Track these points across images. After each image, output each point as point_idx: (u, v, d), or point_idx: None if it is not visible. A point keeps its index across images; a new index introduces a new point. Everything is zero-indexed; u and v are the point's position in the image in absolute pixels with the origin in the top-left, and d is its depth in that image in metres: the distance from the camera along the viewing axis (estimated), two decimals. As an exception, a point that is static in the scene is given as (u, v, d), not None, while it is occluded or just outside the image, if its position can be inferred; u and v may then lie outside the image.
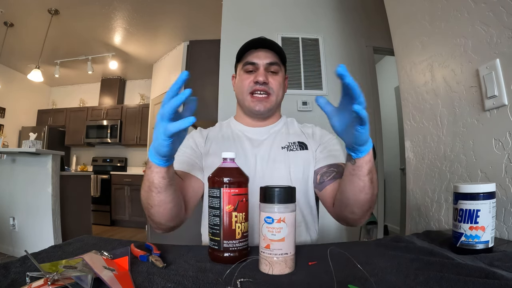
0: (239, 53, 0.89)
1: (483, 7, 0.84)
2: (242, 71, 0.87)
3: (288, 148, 0.85)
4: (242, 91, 0.86)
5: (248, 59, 0.85)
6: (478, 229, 0.56)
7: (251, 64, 0.85)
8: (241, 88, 0.87)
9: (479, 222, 0.56)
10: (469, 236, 0.57)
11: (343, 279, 0.43)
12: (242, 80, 0.86)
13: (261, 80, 0.82)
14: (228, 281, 0.43)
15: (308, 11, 2.58)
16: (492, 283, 0.40)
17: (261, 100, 0.85)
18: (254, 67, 0.85)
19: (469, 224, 0.57)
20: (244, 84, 0.85)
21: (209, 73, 3.19)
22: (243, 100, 0.87)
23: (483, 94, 0.84)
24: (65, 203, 2.80)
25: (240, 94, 0.88)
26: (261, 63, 0.85)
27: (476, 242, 0.56)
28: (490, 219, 0.56)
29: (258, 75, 0.83)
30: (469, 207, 0.57)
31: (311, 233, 0.84)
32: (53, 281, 0.37)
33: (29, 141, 2.63)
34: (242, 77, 0.87)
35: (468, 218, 0.57)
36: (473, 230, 0.56)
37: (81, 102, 5.73)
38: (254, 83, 0.84)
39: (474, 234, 0.56)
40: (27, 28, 3.72)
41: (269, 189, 0.50)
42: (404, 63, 1.26)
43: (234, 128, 0.93)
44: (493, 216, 0.56)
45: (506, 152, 0.78)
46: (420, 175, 1.16)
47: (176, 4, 3.30)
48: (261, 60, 0.85)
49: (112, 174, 4.86)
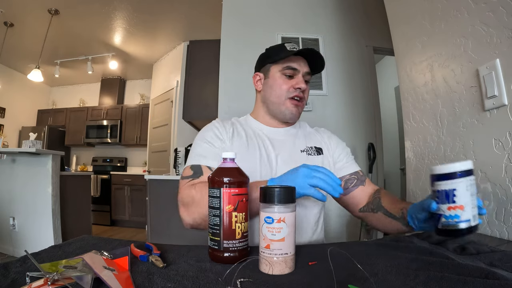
0: (275, 54, 0.87)
1: (483, 7, 0.84)
2: (279, 74, 0.86)
3: (306, 152, 0.89)
4: (280, 94, 0.86)
5: (290, 64, 0.85)
6: (456, 209, 0.54)
7: (292, 69, 0.85)
8: (278, 91, 0.86)
9: (457, 201, 0.54)
10: (448, 216, 0.55)
11: (343, 279, 0.43)
12: (281, 84, 0.86)
13: (303, 87, 0.85)
14: (228, 281, 0.43)
15: (308, 11, 2.58)
16: (492, 283, 0.40)
17: (297, 106, 0.87)
18: (293, 73, 0.85)
19: (447, 204, 0.55)
20: (283, 88, 0.86)
21: (209, 73, 3.19)
22: (279, 103, 0.87)
23: (483, 94, 0.84)
24: (65, 203, 2.80)
25: (276, 97, 0.87)
26: (301, 70, 0.86)
27: (457, 222, 0.54)
28: (468, 197, 0.54)
29: (300, 82, 0.85)
30: (444, 188, 0.55)
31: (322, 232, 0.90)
32: (53, 281, 0.37)
33: (29, 141, 2.63)
34: (279, 80, 0.86)
35: (446, 199, 0.55)
36: (451, 210, 0.55)
37: (81, 102, 5.73)
38: (295, 89, 0.85)
39: (453, 214, 0.55)
40: (27, 28, 3.72)
41: (269, 189, 0.50)
42: (404, 63, 1.26)
43: (254, 126, 0.92)
44: (472, 194, 0.54)
45: (506, 152, 0.78)
46: (420, 175, 1.16)
47: (176, 4, 3.30)
48: (301, 67, 0.86)
49: (112, 174, 4.86)
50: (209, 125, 0.90)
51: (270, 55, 0.89)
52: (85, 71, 4.57)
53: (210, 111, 3.01)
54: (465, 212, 0.53)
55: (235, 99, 2.41)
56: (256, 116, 0.95)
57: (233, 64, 2.47)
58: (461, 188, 0.53)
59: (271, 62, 0.88)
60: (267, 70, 0.90)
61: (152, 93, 4.86)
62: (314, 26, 2.55)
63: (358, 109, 2.47)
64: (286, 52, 0.84)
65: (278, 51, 0.87)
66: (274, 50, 0.89)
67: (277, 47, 0.88)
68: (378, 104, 2.57)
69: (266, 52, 0.93)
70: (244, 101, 2.39)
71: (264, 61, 0.91)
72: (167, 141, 4.15)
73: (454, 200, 0.54)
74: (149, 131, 4.79)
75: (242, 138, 0.87)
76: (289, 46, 0.86)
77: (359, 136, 2.44)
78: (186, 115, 3.37)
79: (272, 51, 0.90)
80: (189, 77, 3.44)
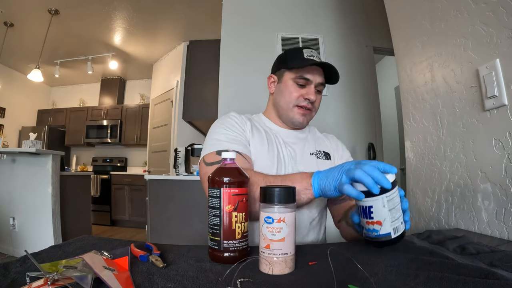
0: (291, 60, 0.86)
1: (483, 7, 0.84)
2: (291, 81, 0.86)
3: (316, 155, 0.89)
4: (288, 101, 0.86)
5: (304, 73, 0.84)
6: (374, 224, 0.56)
7: (304, 79, 0.84)
8: (288, 97, 0.86)
9: (374, 217, 0.56)
10: (368, 229, 0.58)
11: (343, 279, 0.43)
12: (291, 92, 0.86)
13: (312, 99, 0.84)
14: (228, 281, 0.43)
15: (308, 11, 2.58)
16: (492, 283, 0.40)
17: (304, 115, 0.87)
18: (305, 82, 0.85)
19: (366, 219, 0.57)
20: (292, 96, 0.86)
21: (209, 73, 3.19)
22: (287, 109, 0.88)
23: (483, 94, 0.84)
24: (65, 203, 2.80)
25: (285, 103, 0.87)
26: (314, 81, 0.85)
27: (376, 236, 0.57)
28: (386, 213, 0.55)
29: (310, 93, 0.84)
30: (363, 204, 0.57)
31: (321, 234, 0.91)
32: (53, 281, 0.37)
33: (29, 141, 2.63)
34: (291, 87, 0.86)
35: (364, 214, 0.57)
36: (369, 225, 0.57)
37: (81, 102, 5.74)
38: (304, 99, 0.85)
39: (372, 228, 0.57)
40: (27, 28, 3.72)
41: (269, 189, 0.50)
42: (404, 63, 1.26)
43: (267, 125, 0.93)
44: (392, 208, 0.55)
45: (506, 152, 0.78)
46: (420, 175, 1.16)
47: (176, 4, 3.30)
48: (315, 78, 0.85)
49: (112, 174, 4.86)
50: (227, 116, 0.88)
51: (286, 60, 0.88)
52: (85, 71, 4.57)
53: (210, 111, 3.02)
54: (383, 226, 0.56)
55: (235, 99, 2.41)
56: (268, 116, 0.95)
57: (233, 63, 2.47)
58: (378, 205, 0.55)
59: (285, 67, 0.87)
60: (281, 74, 0.89)
61: (152, 93, 4.86)
62: (314, 26, 2.55)
63: (358, 109, 2.47)
64: (301, 61, 0.83)
65: (295, 57, 0.85)
66: (291, 55, 0.88)
67: (295, 53, 0.87)
68: (378, 104, 2.57)
69: (283, 55, 0.91)
70: (244, 101, 2.39)
71: (279, 65, 0.90)
72: (167, 141, 4.15)
73: (372, 216, 0.56)
74: (149, 131, 4.79)
75: (261, 133, 0.86)
76: (307, 53, 0.84)
77: (359, 136, 2.44)
78: (186, 115, 3.37)
79: (289, 56, 0.88)
80: (189, 77, 3.44)
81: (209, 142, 0.81)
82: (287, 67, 0.87)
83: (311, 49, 0.86)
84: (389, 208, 0.55)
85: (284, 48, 2.49)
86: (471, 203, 0.90)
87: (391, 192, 0.55)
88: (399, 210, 0.57)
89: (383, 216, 0.55)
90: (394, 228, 0.56)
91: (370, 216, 0.57)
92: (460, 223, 0.94)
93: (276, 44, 2.50)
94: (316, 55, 0.85)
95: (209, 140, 0.82)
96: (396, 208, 0.56)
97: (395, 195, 0.56)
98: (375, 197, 0.54)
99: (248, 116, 0.93)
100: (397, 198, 0.56)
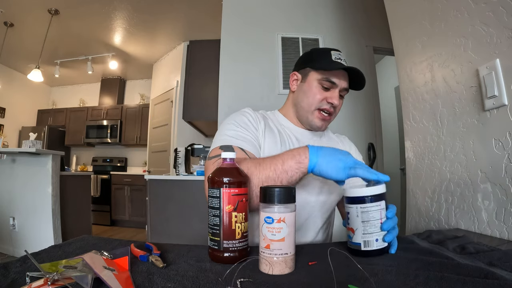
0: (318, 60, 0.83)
1: (483, 7, 0.84)
2: (317, 83, 0.83)
3: None
4: (311, 103, 0.84)
5: (330, 76, 0.81)
6: (349, 230, 0.59)
7: (330, 83, 0.82)
8: (311, 99, 0.84)
9: (350, 223, 0.59)
10: (348, 234, 0.60)
11: (343, 279, 0.43)
12: (315, 94, 0.83)
13: (335, 103, 0.82)
14: (228, 281, 0.43)
15: (308, 11, 2.58)
16: (492, 283, 0.40)
17: (325, 119, 0.85)
18: (330, 86, 0.82)
19: (346, 224, 0.60)
20: (316, 98, 0.83)
21: (209, 73, 3.19)
22: (308, 112, 0.85)
23: (483, 94, 0.84)
24: (65, 203, 2.80)
25: (307, 105, 0.85)
26: (339, 85, 0.83)
27: (350, 242, 0.59)
28: (358, 223, 0.57)
29: (334, 97, 0.82)
30: (346, 209, 0.60)
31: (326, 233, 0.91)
32: (53, 281, 0.37)
33: (29, 141, 2.63)
34: (315, 89, 0.83)
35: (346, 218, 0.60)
36: (347, 230, 0.59)
37: (81, 102, 5.74)
38: (327, 103, 0.83)
39: (348, 234, 0.59)
40: (27, 28, 3.72)
41: (269, 189, 0.50)
42: (404, 63, 1.26)
43: (283, 123, 0.91)
44: (363, 221, 0.56)
45: (506, 152, 0.78)
46: (420, 175, 1.16)
47: (176, 3, 3.30)
48: (340, 82, 0.82)
49: (112, 174, 4.86)
50: (241, 112, 0.86)
51: (313, 59, 0.85)
52: (85, 71, 4.57)
53: (210, 111, 3.01)
54: (355, 235, 0.57)
55: (235, 99, 2.41)
56: (285, 113, 0.93)
57: (233, 63, 2.47)
58: (352, 213, 0.58)
59: (312, 67, 0.84)
60: (306, 74, 0.86)
61: (152, 93, 4.86)
62: (314, 26, 2.55)
63: (358, 109, 2.47)
64: (329, 64, 0.81)
65: (322, 58, 0.82)
66: (318, 54, 0.85)
67: (322, 53, 0.84)
68: (378, 104, 2.57)
69: (310, 54, 0.88)
70: (244, 101, 2.39)
71: (305, 63, 0.87)
72: (167, 141, 4.15)
73: (348, 222, 0.59)
74: (149, 131, 4.79)
75: (275, 134, 0.85)
76: (335, 55, 0.82)
77: (359, 136, 2.44)
78: (186, 115, 3.37)
79: (316, 55, 0.85)
80: (189, 77, 3.44)
81: (218, 138, 0.80)
82: (314, 67, 0.84)
83: (339, 52, 0.84)
84: (362, 219, 0.56)
85: (284, 48, 2.49)
86: (471, 203, 0.90)
87: (366, 205, 0.56)
88: (376, 226, 0.56)
89: (356, 225, 0.57)
90: (365, 241, 0.56)
91: (347, 221, 0.59)
92: (460, 223, 0.94)
93: (276, 44, 2.50)
94: (343, 58, 0.83)
95: (217, 136, 0.81)
96: (371, 223, 0.56)
97: (374, 210, 0.56)
98: (351, 205, 0.57)
99: (263, 114, 0.91)
100: (375, 213, 0.56)
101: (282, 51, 2.49)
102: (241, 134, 0.79)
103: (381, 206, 0.57)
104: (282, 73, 2.46)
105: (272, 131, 0.85)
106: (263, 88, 2.45)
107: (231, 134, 0.78)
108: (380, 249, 0.56)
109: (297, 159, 0.62)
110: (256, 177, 0.64)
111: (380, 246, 0.56)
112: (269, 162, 0.65)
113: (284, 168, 0.63)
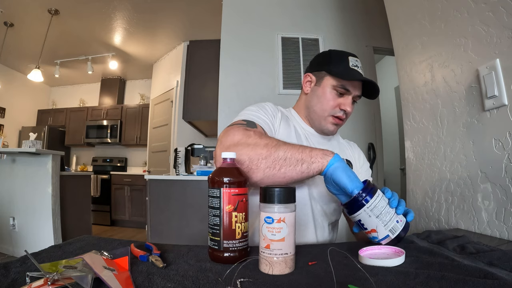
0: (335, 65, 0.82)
1: (483, 7, 0.84)
2: (331, 88, 0.83)
3: None
4: (325, 109, 0.84)
5: (346, 84, 0.81)
6: (371, 232, 0.60)
7: (345, 90, 0.82)
8: (325, 105, 0.84)
9: (367, 227, 0.60)
10: (370, 237, 0.61)
11: (343, 279, 0.43)
12: (329, 100, 0.83)
13: (349, 111, 0.83)
14: (228, 281, 0.43)
15: (308, 11, 2.58)
16: (492, 283, 0.40)
17: (337, 124, 0.86)
18: (345, 92, 0.82)
19: (363, 230, 0.61)
20: (330, 105, 0.83)
21: (209, 73, 3.19)
22: (320, 117, 0.86)
23: (483, 94, 0.84)
24: (65, 203, 2.80)
25: (320, 110, 0.85)
26: (353, 92, 0.83)
27: (378, 241, 0.60)
28: (374, 221, 0.58)
29: (347, 104, 0.82)
30: (353, 219, 0.62)
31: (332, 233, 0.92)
32: (53, 281, 0.37)
33: (29, 141, 2.63)
34: (329, 95, 0.83)
35: (360, 227, 0.61)
36: (369, 234, 0.61)
37: (81, 102, 5.74)
38: (341, 109, 0.83)
39: (371, 236, 0.61)
40: (27, 28, 3.72)
41: (269, 189, 0.50)
42: (404, 63, 1.26)
43: (297, 121, 0.92)
44: (377, 215, 0.57)
45: (506, 152, 0.78)
46: (420, 175, 1.16)
47: (176, 2, 3.30)
48: (355, 90, 0.83)
49: (112, 174, 4.86)
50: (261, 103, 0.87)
51: (329, 63, 0.84)
52: (85, 71, 4.57)
53: (210, 111, 3.01)
54: (378, 233, 0.59)
55: (235, 99, 2.41)
56: (300, 113, 0.93)
57: (233, 63, 2.47)
58: (364, 217, 0.59)
59: (328, 72, 0.83)
60: (321, 78, 0.85)
61: (152, 93, 4.86)
62: (314, 26, 2.55)
63: (358, 109, 2.47)
64: (346, 71, 0.80)
65: (339, 63, 0.82)
66: (335, 58, 0.84)
67: (340, 58, 0.83)
68: (378, 104, 2.57)
69: (326, 56, 0.87)
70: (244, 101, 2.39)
71: (321, 66, 0.86)
72: (167, 141, 4.15)
73: (366, 227, 0.60)
74: (149, 131, 4.79)
75: (290, 127, 0.86)
76: (352, 61, 0.82)
77: (359, 136, 2.44)
78: (186, 115, 3.37)
79: (333, 59, 0.84)
80: (189, 77, 3.44)
81: (240, 114, 0.81)
82: (330, 72, 0.82)
83: (356, 58, 0.83)
84: (375, 215, 0.58)
85: (284, 48, 2.49)
86: (471, 203, 0.90)
87: (370, 203, 0.57)
88: (389, 212, 0.58)
89: (374, 224, 0.58)
90: (390, 229, 0.58)
91: (364, 227, 0.60)
92: (460, 223, 0.94)
93: (276, 44, 2.50)
94: (360, 65, 0.83)
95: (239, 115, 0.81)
96: (384, 212, 0.58)
97: (378, 202, 0.58)
98: (358, 212, 0.58)
99: (281, 109, 0.91)
100: (380, 203, 0.58)
101: (282, 51, 2.49)
102: (261, 117, 0.80)
103: (379, 193, 0.59)
104: (282, 73, 2.46)
105: (288, 124, 0.87)
106: (263, 88, 2.45)
107: (251, 113, 0.80)
108: (405, 226, 0.59)
109: (324, 151, 0.63)
110: (282, 150, 0.64)
111: (403, 223, 0.59)
112: (298, 144, 0.67)
113: (311, 154, 0.63)
